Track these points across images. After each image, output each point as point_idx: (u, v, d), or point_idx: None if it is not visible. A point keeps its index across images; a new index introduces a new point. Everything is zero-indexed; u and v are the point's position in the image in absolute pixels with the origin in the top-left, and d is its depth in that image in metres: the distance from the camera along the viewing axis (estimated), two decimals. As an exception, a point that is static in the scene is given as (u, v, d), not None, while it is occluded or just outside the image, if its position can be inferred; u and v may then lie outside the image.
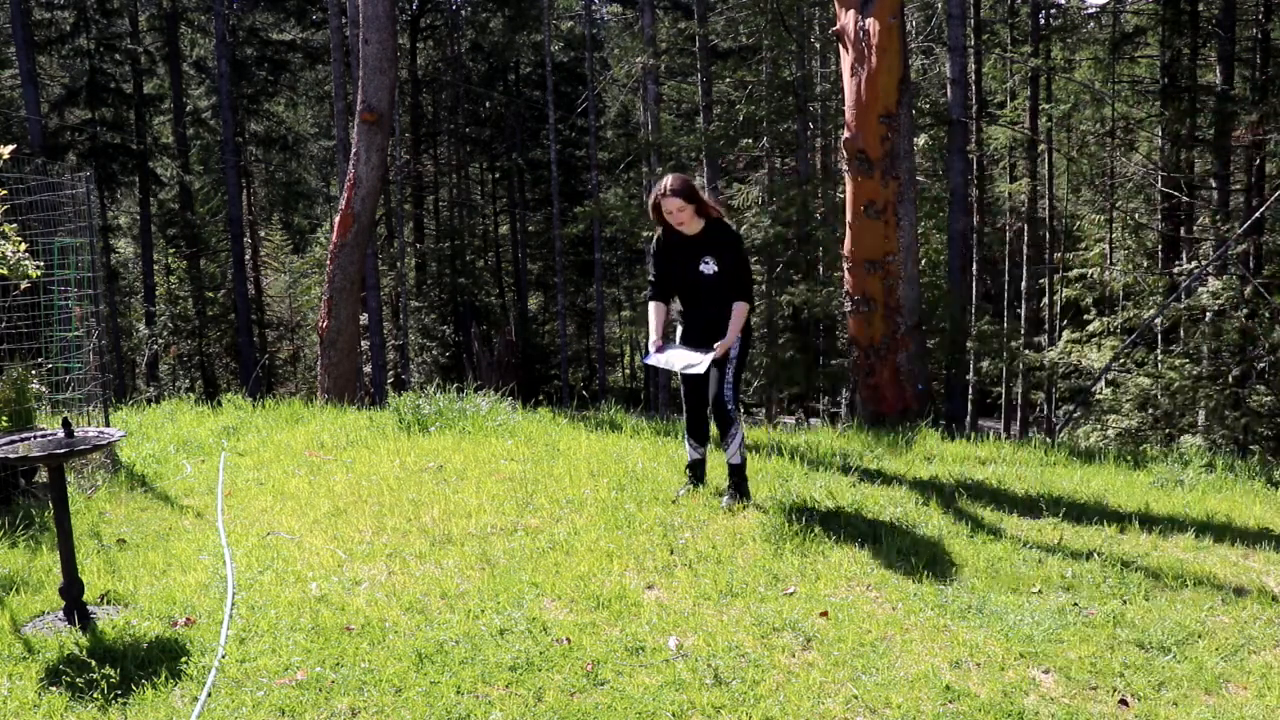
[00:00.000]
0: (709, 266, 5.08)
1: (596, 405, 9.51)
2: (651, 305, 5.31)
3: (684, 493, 5.53)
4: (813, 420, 17.84)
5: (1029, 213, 22.89)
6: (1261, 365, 14.44)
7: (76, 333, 6.74)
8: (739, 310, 5.09)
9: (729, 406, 5.22)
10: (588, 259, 30.15)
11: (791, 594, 4.25)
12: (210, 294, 28.60)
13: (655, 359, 5.13)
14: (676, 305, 5.40)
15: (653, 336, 5.23)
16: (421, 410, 7.66)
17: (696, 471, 5.65)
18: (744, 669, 3.58)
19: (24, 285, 5.29)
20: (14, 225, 5.08)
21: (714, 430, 5.73)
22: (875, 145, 8.08)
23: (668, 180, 5.01)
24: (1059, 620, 3.94)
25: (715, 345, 5.07)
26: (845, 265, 8.48)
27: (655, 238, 5.29)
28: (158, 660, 3.69)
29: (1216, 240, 16.03)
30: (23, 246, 4.95)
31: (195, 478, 6.35)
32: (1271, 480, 6.34)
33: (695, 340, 5.22)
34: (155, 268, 28.51)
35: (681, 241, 5.14)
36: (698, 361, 4.99)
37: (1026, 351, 17.67)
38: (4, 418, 5.77)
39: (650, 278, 5.34)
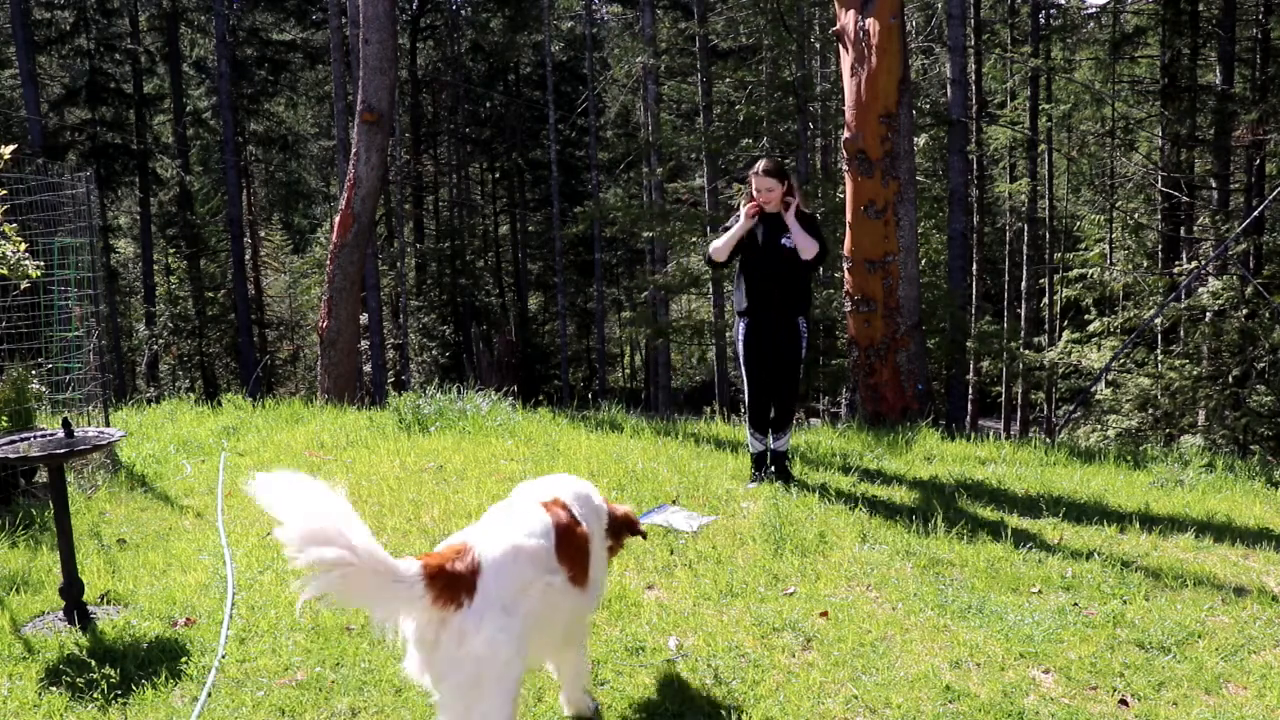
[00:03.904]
0: (789, 241, 5.54)
1: (596, 405, 9.50)
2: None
3: (754, 485, 5.73)
4: (813, 420, 17.84)
5: (1029, 213, 22.88)
6: (1261, 365, 14.43)
7: (76, 333, 6.74)
8: (813, 245, 5.54)
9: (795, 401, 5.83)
10: (588, 259, 30.11)
11: (791, 594, 4.25)
12: (210, 294, 28.57)
13: (655, 519, 5.16)
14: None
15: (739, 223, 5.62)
16: (421, 410, 7.66)
17: (763, 462, 5.87)
18: (744, 669, 3.58)
19: (24, 285, 5.28)
20: (14, 225, 5.07)
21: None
22: (875, 145, 8.08)
23: (762, 162, 5.60)
24: (1059, 620, 3.94)
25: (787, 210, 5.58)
26: (845, 265, 8.48)
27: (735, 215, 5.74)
28: (158, 660, 3.70)
29: (1216, 240, 16.03)
30: (23, 246, 4.94)
31: (195, 478, 6.35)
32: (1271, 480, 6.34)
33: (769, 307, 5.61)
34: (155, 268, 28.49)
35: (762, 219, 5.61)
36: (698, 524, 5.07)
37: (1026, 351, 17.65)
38: (4, 418, 5.77)
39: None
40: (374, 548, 2.45)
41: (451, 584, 2.55)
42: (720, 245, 5.61)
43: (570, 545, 2.84)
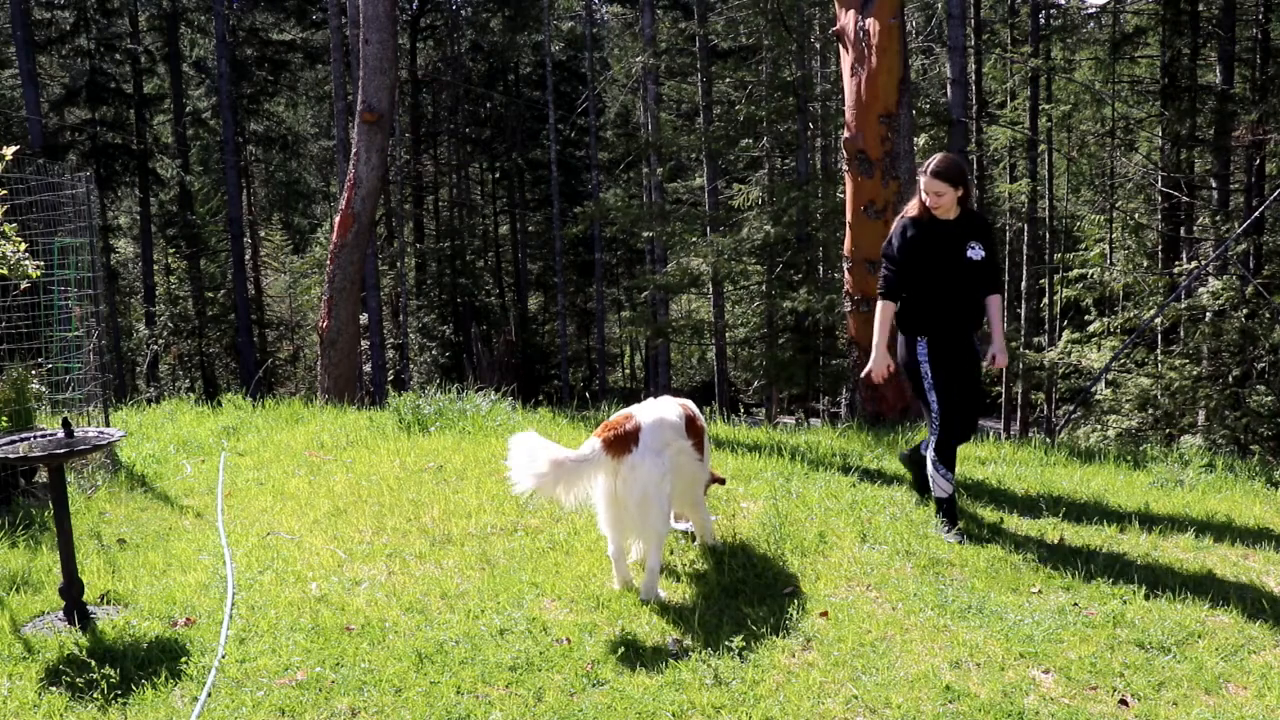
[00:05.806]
0: (976, 252, 4.87)
1: (597, 405, 9.50)
2: (883, 305, 4.93)
3: (955, 539, 4.84)
4: (813, 420, 17.84)
5: (1029, 213, 22.88)
6: (1261, 365, 14.43)
7: (76, 333, 6.74)
8: (999, 305, 5.03)
9: None
10: (588, 259, 30.12)
11: (791, 594, 4.25)
12: (210, 294, 28.58)
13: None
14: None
15: (879, 340, 4.96)
16: (421, 410, 7.66)
17: (955, 506, 5.03)
18: (744, 669, 3.58)
19: (24, 285, 5.28)
20: (14, 225, 5.07)
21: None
22: (875, 145, 8.08)
23: (933, 161, 4.78)
24: (1059, 620, 3.94)
25: (993, 356, 4.95)
26: (845, 265, 8.48)
27: (905, 225, 4.90)
28: (158, 660, 3.70)
29: (1216, 240, 16.02)
30: (23, 246, 4.95)
31: (195, 478, 6.35)
32: (1271, 480, 6.33)
33: (951, 328, 4.89)
34: (155, 268, 28.49)
35: (941, 228, 4.87)
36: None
37: (1026, 351, 17.66)
38: (4, 418, 5.77)
39: (887, 272, 4.92)
40: (565, 454, 3.99)
41: (622, 442, 4.06)
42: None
43: (693, 427, 4.44)
